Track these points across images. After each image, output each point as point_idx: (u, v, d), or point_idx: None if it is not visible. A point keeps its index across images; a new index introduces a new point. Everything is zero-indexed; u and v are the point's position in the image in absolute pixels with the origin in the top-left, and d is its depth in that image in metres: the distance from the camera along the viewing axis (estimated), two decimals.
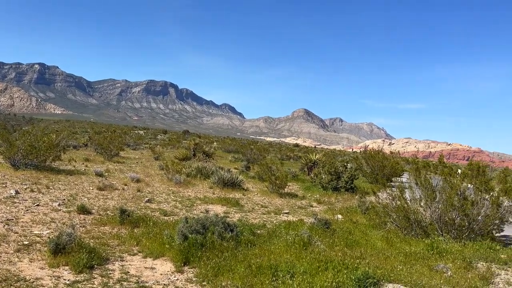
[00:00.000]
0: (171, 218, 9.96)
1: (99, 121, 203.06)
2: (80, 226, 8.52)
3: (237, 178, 16.91)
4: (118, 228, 8.61)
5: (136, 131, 75.43)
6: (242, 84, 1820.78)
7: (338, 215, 12.51)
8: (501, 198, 9.19)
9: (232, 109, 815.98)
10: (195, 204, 12.39)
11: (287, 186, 17.36)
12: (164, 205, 11.76)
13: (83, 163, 20.14)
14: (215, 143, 59.50)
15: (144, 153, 32.12)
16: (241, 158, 33.58)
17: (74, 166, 18.35)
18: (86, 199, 11.47)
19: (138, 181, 15.55)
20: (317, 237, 8.41)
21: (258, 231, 8.96)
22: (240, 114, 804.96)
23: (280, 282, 5.68)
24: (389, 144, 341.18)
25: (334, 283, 5.61)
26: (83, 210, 9.72)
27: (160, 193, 13.77)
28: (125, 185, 14.61)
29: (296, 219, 11.35)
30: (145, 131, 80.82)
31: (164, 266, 6.60)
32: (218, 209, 11.89)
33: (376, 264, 6.74)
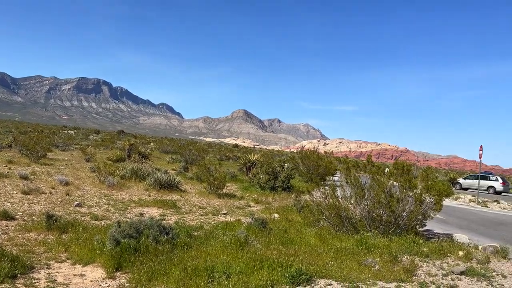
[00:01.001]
0: (103, 223, 9.55)
1: (25, 121, 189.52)
2: (2, 233, 7.91)
3: (174, 180, 16.62)
4: (45, 234, 8.11)
5: (66, 131, 71.41)
6: (180, 84, 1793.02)
7: (275, 214, 12.74)
8: (423, 195, 9.90)
9: (170, 109, 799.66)
10: (129, 208, 11.99)
11: (225, 187, 17.37)
12: (96, 209, 11.25)
13: (6, 166, 18.71)
14: (152, 144, 58.05)
15: (74, 154, 30.49)
16: (179, 159, 33.07)
17: None
18: (9, 204, 10.66)
19: (67, 184, 14.74)
20: (253, 236, 8.51)
21: (195, 233, 8.88)
22: (178, 114, 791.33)
23: (216, 283, 5.67)
24: (324, 145, 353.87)
25: (269, 281, 5.71)
26: (6, 216, 9.03)
27: (91, 197, 13.16)
28: (53, 188, 13.78)
29: (234, 219, 11.39)
30: (75, 131, 76.75)
31: (95, 273, 6.32)
32: (154, 212, 11.61)
33: (309, 261, 6.97)
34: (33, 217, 9.53)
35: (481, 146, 23.89)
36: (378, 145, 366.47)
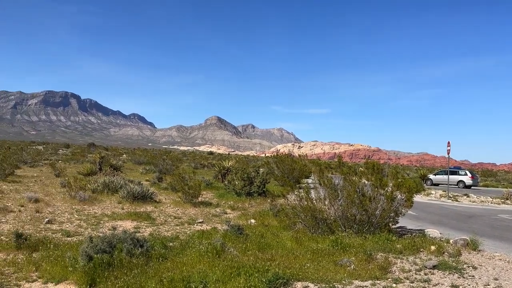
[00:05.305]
0: (75, 239, 9.32)
1: None
2: None
3: (148, 191, 16.39)
4: (14, 254, 7.84)
5: (34, 147, 69.34)
6: (151, 93, 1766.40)
7: (251, 220, 12.75)
8: (394, 192, 10.13)
9: (142, 119, 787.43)
10: (101, 222, 11.74)
11: (201, 195, 17.26)
12: (67, 225, 10.97)
13: None
14: (124, 155, 57.19)
15: (43, 170, 29.64)
16: (153, 170, 32.63)
17: None
18: None
19: (36, 201, 14.30)
20: (230, 243, 8.49)
21: (171, 244, 8.77)
22: (151, 123, 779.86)
23: None
24: (298, 148, 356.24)
25: None
26: None
27: (62, 213, 12.82)
28: (22, 206, 13.35)
29: (210, 227, 11.33)
30: (44, 146, 74.67)
31: None
32: (128, 225, 11.40)
33: (286, 264, 7.01)
34: (2, 237, 9.21)
35: (448, 142, 24.65)
36: (351, 145, 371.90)
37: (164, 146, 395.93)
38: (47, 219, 11.28)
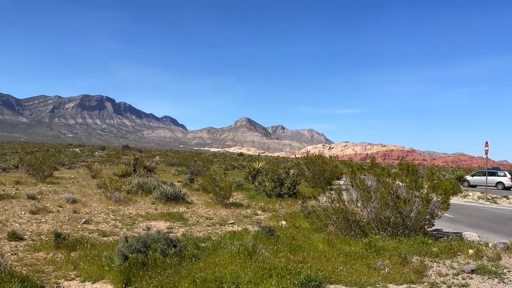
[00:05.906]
0: (111, 239, 9.58)
1: (31, 141, 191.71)
2: (11, 254, 7.95)
3: (180, 192, 16.64)
4: (54, 253, 8.15)
5: (71, 149, 71.90)
6: (182, 95, 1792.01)
7: (282, 221, 12.71)
8: (430, 194, 9.85)
9: (174, 121, 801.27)
10: (136, 222, 12.02)
11: (232, 196, 17.36)
12: (103, 225, 11.30)
13: (13, 186, 18.83)
14: (157, 157, 58.36)
15: (80, 171, 30.66)
16: (185, 171, 33.12)
17: (4, 190, 17.10)
18: (17, 224, 10.74)
19: (74, 201, 14.81)
20: (261, 245, 8.49)
21: (203, 244, 8.88)
22: (182, 126, 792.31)
23: None
24: (329, 149, 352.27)
25: None
26: (15, 236, 9.11)
27: (99, 213, 13.21)
28: (60, 207, 13.85)
29: (241, 228, 11.38)
30: (81, 148, 77.28)
31: None
32: (161, 225, 11.62)
33: (318, 267, 6.94)
34: (42, 236, 9.58)
35: (486, 142, 23.76)
36: (384, 146, 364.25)
37: (195, 148, 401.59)
38: (84, 219, 11.66)
